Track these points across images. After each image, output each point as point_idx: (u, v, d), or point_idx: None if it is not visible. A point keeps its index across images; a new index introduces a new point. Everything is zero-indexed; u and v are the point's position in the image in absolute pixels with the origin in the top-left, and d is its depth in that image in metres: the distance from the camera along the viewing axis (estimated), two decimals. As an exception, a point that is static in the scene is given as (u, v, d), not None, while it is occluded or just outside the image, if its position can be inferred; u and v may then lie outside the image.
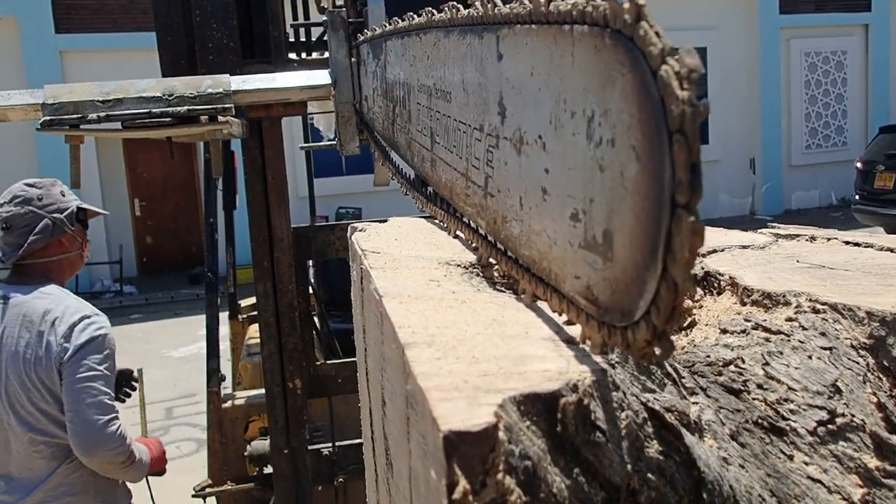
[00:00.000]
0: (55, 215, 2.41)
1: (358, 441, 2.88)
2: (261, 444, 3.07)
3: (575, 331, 0.70)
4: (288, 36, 3.07)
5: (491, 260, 0.90)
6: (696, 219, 0.47)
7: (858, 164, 11.08)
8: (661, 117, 0.48)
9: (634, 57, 0.51)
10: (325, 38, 3.61)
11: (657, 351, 0.53)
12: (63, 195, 2.47)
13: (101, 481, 2.44)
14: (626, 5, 0.51)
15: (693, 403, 0.73)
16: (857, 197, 11.07)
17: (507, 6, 0.75)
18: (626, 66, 0.52)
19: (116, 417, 2.32)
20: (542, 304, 0.78)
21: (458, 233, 1.09)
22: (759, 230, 1.41)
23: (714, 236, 1.34)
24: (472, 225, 0.97)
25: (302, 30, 3.73)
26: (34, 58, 11.86)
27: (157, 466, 2.59)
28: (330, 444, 2.88)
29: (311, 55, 3.62)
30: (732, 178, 15.58)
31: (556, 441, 0.56)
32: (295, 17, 3.74)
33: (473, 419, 0.51)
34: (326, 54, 3.58)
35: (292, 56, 3.33)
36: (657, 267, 0.50)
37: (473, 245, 0.99)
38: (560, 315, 0.70)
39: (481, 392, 0.56)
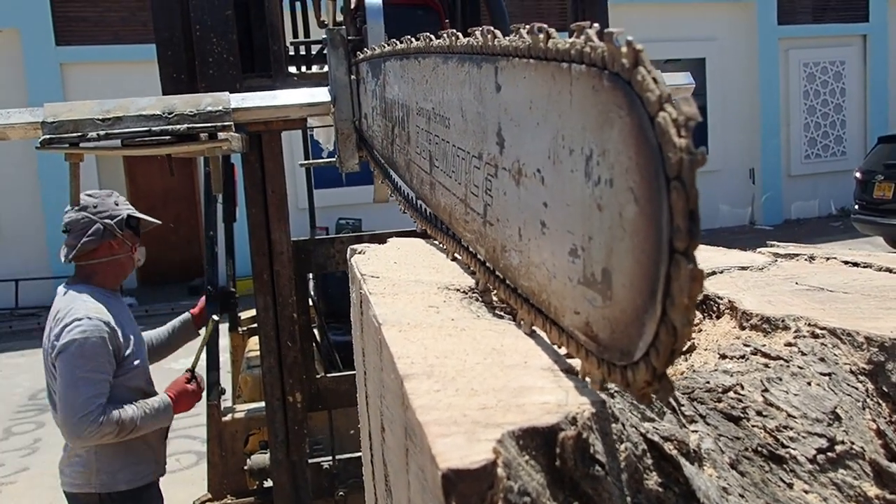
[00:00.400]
0: (106, 220, 2.76)
1: (358, 454, 2.88)
2: (261, 458, 3.07)
3: (574, 360, 0.70)
4: (288, 49, 3.08)
5: (489, 286, 0.90)
6: (694, 266, 0.47)
7: (857, 174, 11.10)
8: (659, 163, 0.48)
9: (632, 101, 0.51)
10: (325, 52, 3.63)
11: (656, 391, 0.53)
12: (116, 204, 2.83)
13: (102, 460, 2.74)
14: (624, 49, 0.52)
15: (692, 432, 0.73)
16: (856, 206, 11.09)
17: (507, 38, 0.75)
18: (624, 110, 0.52)
19: (89, 413, 2.57)
20: (541, 332, 0.78)
21: (456, 255, 1.09)
22: (759, 249, 1.41)
23: (713, 256, 1.34)
24: (472, 250, 0.97)
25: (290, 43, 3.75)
26: (35, 70, 11.89)
27: (180, 410, 2.88)
28: (330, 458, 2.87)
29: (310, 69, 3.63)
30: (732, 188, 15.61)
31: (554, 475, 0.56)
32: (295, 30, 3.75)
33: (472, 456, 0.51)
34: (326, 68, 3.60)
35: (292, 69, 3.34)
36: (656, 310, 0.50)
37: (472, 270, 0.99)
38: (559, 347, 0.70)
39: (480, 427, 0.56)
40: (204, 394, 3.14)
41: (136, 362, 2.80)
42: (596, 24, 0.59)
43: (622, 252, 0.55)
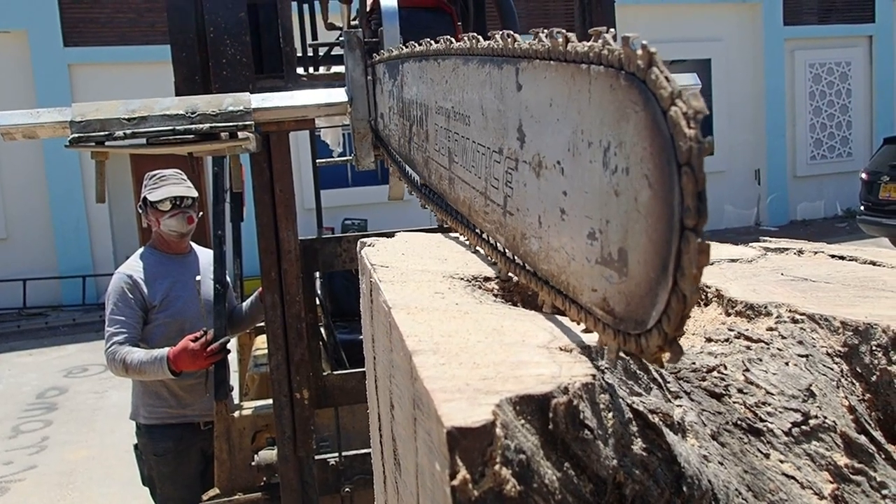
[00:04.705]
0: (143, 199, 3.44)
1: (364, 451, 2.93)
2: (268, 454, 3.11)
3: (566, 340, 0.76)
4: (296, 51, 3.14)
5: (510, 274, 0.95)
6: (702, 240, 0.53)
7: (863, 175, 11.10)
8: (671, 151, 0.54)
9: (647, 98, 0.57)
10: (332, 54, 3.69)
11: (668, 355, 0.59)
12: (155, 185, 3.41)
13: (135, 394, 3.35)
14: (640, 52, 0.58)
15: (677, 406, 0.79)
16: (862, 208, 11.09)
17: (527, 42, 0.81)
18: (639, 105, 0.58)
19: (107, 348, 3.17)
20: (537, 315, 0.85)
21: (478, 248, 1.14)
22: (750, 244, 1.47)
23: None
24: (491, 240, 1.01)
25: (308, 45, 3.82)
26: (43, 70, 11.99)
27: (182, 367, 3.11)
28: (336, 454, 2.92)
29: (318, 70, 3.70)
30: (738, 189, 15.63)
31: (548, 438, 0.62)
32: (302, 33, 3.82)
33: (474, 417, 0.58)
34: (333, 69, 3.66)
35: (299, 71, 3.40)
36: (668, 281, 0.56)
37: (493, 261, 1.04)
38: (578, 324, 0.76)
39: (481, 394, 0.62)
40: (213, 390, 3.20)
41: (164, 316, 3.29)
42: (612, 29, 0.65)
43: (637, 232, 0.60)
